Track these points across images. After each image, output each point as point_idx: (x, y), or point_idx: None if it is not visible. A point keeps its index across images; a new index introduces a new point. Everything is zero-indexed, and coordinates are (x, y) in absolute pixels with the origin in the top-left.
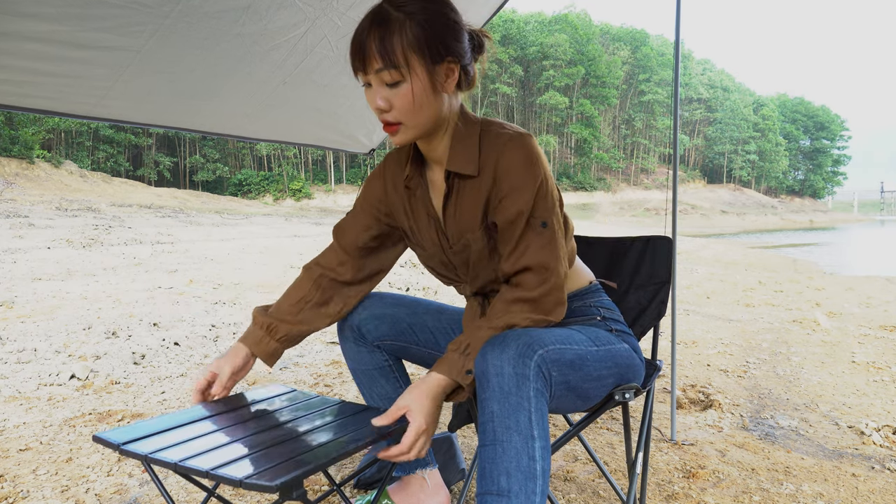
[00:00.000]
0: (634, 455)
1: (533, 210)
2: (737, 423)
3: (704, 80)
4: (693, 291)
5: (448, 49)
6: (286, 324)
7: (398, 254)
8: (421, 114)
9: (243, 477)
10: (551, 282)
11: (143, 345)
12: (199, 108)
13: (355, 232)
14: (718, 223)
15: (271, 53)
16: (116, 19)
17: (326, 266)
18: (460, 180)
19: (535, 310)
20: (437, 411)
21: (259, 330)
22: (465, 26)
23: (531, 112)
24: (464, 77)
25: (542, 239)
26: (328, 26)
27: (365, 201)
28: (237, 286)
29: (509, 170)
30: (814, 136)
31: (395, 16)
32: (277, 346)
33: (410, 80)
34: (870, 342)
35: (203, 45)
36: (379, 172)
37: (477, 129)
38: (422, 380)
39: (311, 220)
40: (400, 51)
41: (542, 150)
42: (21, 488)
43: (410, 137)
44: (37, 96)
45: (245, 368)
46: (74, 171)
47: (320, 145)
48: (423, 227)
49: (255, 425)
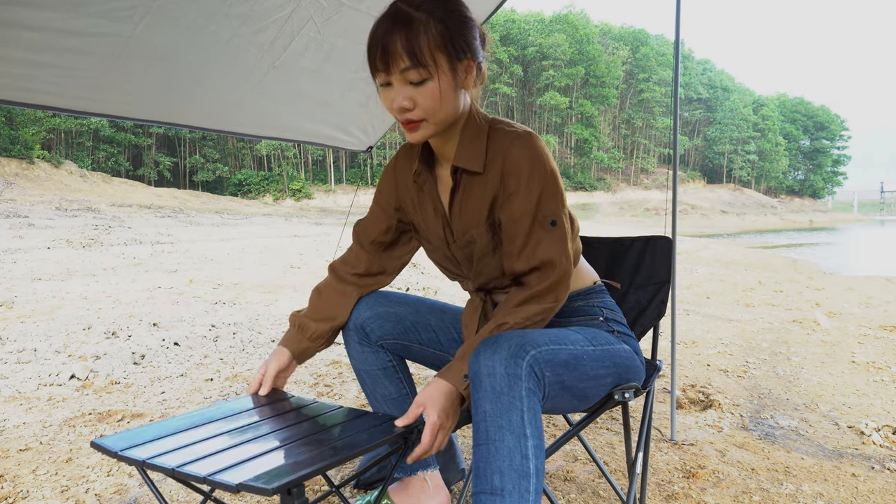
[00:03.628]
0: (634, 455)
1: (541, 208)
2: (737, 423)
3: (704, 80)
4: (693, 291)
5: (469, 46)
6: (313, 321)
7: (413, 249)
8: (443, 110)
9: (240, 482)
10: (556, 276)
11: (142, 345)
12: (193, 97)
13: (372, 226)
14: (718, 223)
15: (259, 36)
16: (106, 3)
17: (347, 262)
18: (467, 176)
19: (537, 302)
20: (451, 408)
21: (293, 329)
22: (476, 23)
23: (531, 112)
24: (478, 74)
25: (553, 236)
26: (313, 7)
27: (380, 195)
28: (237, 286)
29: (516, 168)
30: (814, 136)
31: (416, 16)
32: (309, 344)
33: (438, 77)
34: (870, 342)
35: (191, 27)
36: (391, 167)
37: (485, 128)
38: (435, 379)
39: (311, 220)
40: (427, 50)
41: (547, 149)
42: (21, 488)
43: (430, 133)
44: (35, 90)
45: (290, 368)
46: (74, 171)
47: (317, 142)
48: (430, 222)
49: (253, 431)
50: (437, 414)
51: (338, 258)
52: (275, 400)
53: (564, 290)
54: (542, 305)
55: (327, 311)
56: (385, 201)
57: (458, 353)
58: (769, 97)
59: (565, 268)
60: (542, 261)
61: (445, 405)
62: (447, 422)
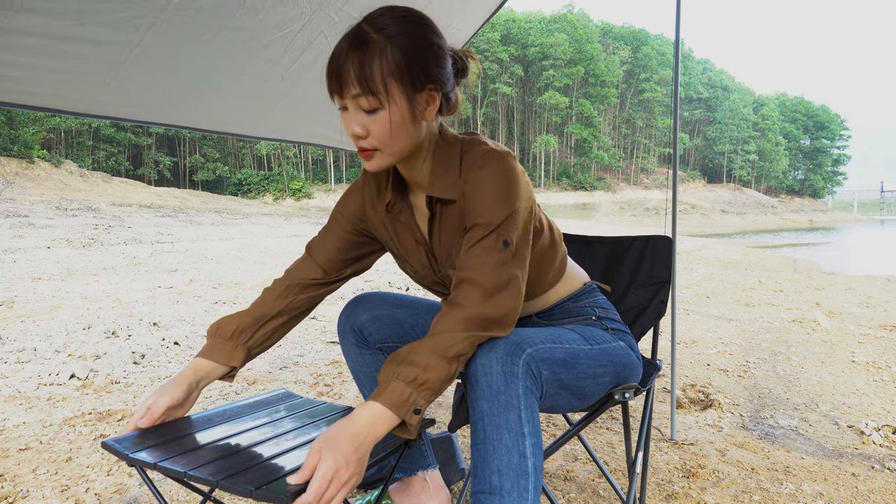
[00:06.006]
0: (634, 455)
1: (498, 225)
2: (737, 422)
3: (704, 80)
4: (693, 291)
5: (430, 76)
6: (250, 329)
7: (375, 260)
8: (398, 142)
9: (253, 488)
10: (496, 299)
11: (142, 344)
12: (197, 105)
13: (330, 245)
14: (718, 223)
15: (268, 49)
16: (113, 14)
17: (297, 278)
18: (442, 205)
19: (480, 327)
20: (360, 449)
21: (221, 340)
22: (448, 51)
23: (531, 112)
24: (445, 104)
25: (499, 257)
26: (325, 21)
27: (341, 216)
28: (237, 286)
29: (481, 181)
30: (814, 135)
31: (375, 39)
32: (244, 350)
33: (389, 108)
34: (870, 342)
35: (199, 39)
36: (357, 188)
37: (458, 151)
38: (352, 414)
39: (311, 220)
40: (379, 77)
41: (523, 171)
42: (21, 488)
43: (385, 164)
44: (36, 93)
45: (188, 402)
46: (74, 170)
47: (320, 143)
48: (412, 251)
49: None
50: (335, 459)
51: (287, 273)
52: (283, 400)
53: (503, 312)
54: (484, 332)
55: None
56: (349, 222)
57: (392, 368)
58: (769, 97)
59: (505, 292)
60: (480, 279)
61: (347, 448)
62: (350, 468)
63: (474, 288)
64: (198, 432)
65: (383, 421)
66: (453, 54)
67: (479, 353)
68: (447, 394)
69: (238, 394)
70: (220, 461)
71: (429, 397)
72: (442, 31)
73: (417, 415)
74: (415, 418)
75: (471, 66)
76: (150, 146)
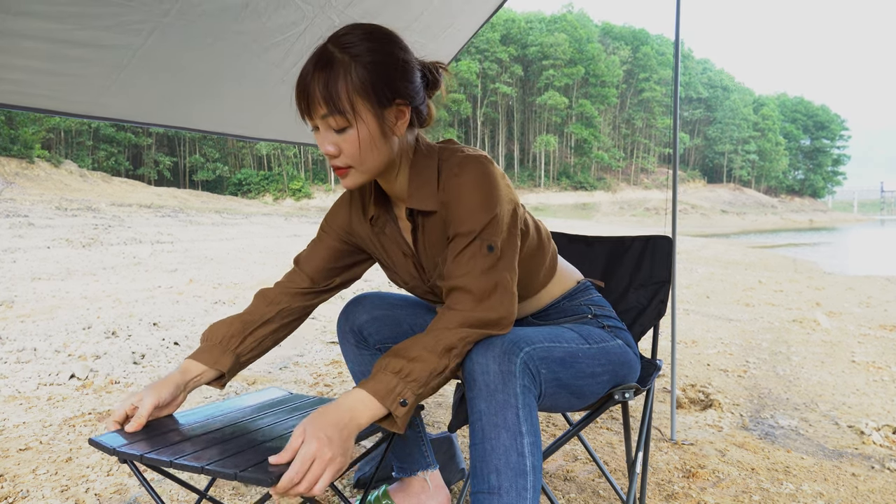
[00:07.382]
0: (634, 455)
1: (481, 231)
2: (737, 422)
3: (704, 80)
4: (693, 291)
5: (396, 91)
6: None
7: (364, 270)
8: (370, 159)
9: (238, 471)
10: (488, 303)
11: (142, 344)
12: (199, 107)
13: (319, 256)
14: (718, 223)
15: (269, 52)
16: (115, 17)
17: (286, 287)
18: (424, 216)
19: (475, 326)
20: (343, 430)
21: (211, 344)
22: (416, 65)
23: (531, 112)
24: (416, 117)
25: (485, 262)
26: (326, 25)
27: (330, 228)
28: (237, 286)
29: (459, 189)
30: (814, 135)
31: (339, 58)
32: (232, 356)
33: (357, 126)
34: (870, 342)
35: (202, 42)
36: (344, 202)
37: (435, 161)
38: (337, 399)
39: (311, 220)
40: (345, 96)
41: (502, 174)
42: (21, 488)
43: (361, 181)
44: (36, 95)
45: (174, 403)
46: (74, 170)
47: None
48: (400, 263)
49: (244, 424)
50: (319, 442)
51: (277, 285)
52: (272, 395)
53: (498, 313)
54: (479, 331)
55: (257, 334)
56: (337, 235)
57: (385, 361)
58: (769, 97)
59: (495, 295)
60: (470, 285)
61: (332, 433)
62: (333, 451)
63: (465, 294)
64: (184, 427)
65: (369, 409)
66: (422, 67)
67: (477, 352)
68: (447, 394)
69: (238, 394)
70: (205, 450)
71: (416, 390)
72: (442, 32)
73: (404, 407)
74: (401, 410)
75: (443, 77)
76: (150, 146)
